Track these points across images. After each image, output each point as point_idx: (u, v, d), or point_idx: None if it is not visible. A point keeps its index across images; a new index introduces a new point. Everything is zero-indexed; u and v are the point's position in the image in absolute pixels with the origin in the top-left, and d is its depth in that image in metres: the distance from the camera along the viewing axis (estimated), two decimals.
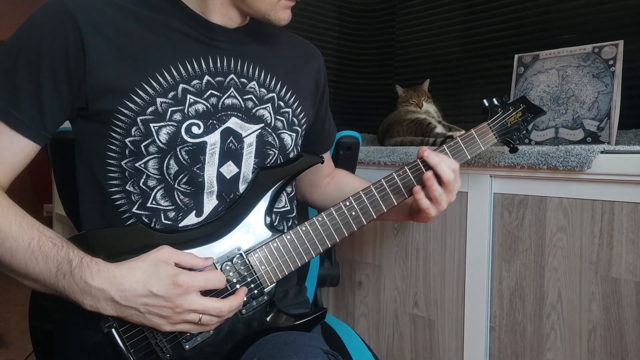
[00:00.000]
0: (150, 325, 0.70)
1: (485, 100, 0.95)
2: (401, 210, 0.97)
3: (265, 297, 0.80)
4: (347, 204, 0.84)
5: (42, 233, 0.70)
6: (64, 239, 0.71)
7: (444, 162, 0.85)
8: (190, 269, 0.72)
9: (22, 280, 0.71)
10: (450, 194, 0.87)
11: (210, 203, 0.81)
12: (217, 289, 0.74)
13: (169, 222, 0.79)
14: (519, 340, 1.17)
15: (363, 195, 0.85)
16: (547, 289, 1.12)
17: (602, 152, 1.02)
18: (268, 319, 0.80)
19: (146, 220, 0.79)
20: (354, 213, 0.84)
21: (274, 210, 0.89)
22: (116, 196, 0.79)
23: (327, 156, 1.09)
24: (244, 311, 0.78)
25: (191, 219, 0.80)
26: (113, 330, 0.72)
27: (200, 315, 0.71)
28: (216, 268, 0.77)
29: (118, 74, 0.75)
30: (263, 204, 0.82)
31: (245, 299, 0.77)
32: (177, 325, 0.71)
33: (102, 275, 0.67)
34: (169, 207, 0.79)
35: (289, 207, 0.92)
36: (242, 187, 0.84)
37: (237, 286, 0.77)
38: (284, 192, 0.91)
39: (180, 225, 0.80)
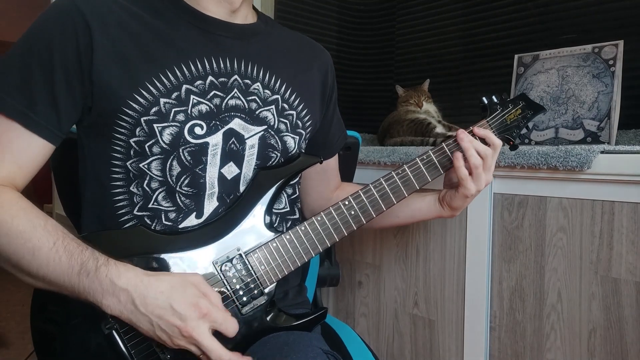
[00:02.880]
0: (154, 338, 0.70)
1: (484, 98, 0.94)
2: (427, 209, 0.98)
3: (265, 297, 0.80)
4: (346, 203, 0.84)
5: (66, 234, 0.70)
6: (87, 244, 0.71)
7: (477, 141, 0.87)
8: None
9: (35, 282, 0.71)
10: (489, 172, 0.88)
11: (210, 205, 0.81)
12: (227, 335, 0.72)
13: (170, 223, 0.79)
14: (519, 340, 1.17)
15: (362, 195, 0.85)
16: (547, 289, 1.12)
17: (602, 152, 1.02)
18: (268, 319, 0.80)
19: (147, 221, 0.79)
20: (352, 212, 0.84)
21: (275, 211, 0.89)
22: (119, 197, 0.79)
23: (333, 164, 1.07)
24: (244, 311, 0.78)
25: (191, 221, 0.80)
26: (114, 332, 0.72)
27: (202, 352, 0.70)
28: (216, 268, 0.77)
29: (123, 73, 0.75)
30: (262, 204, 0.82)
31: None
32: (179, 347, 0.70)
33: (129, 277, 0.68)
34: (170, 208, 0.79)
35: (289, 209, 0.92)
36: (242, 189, 0.84)
37: (237, 286, 0.77)
38: (284, 193, 0.91)
39: (180, 226, 0.79)
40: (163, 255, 0.76)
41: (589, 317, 1.06)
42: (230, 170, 0.82)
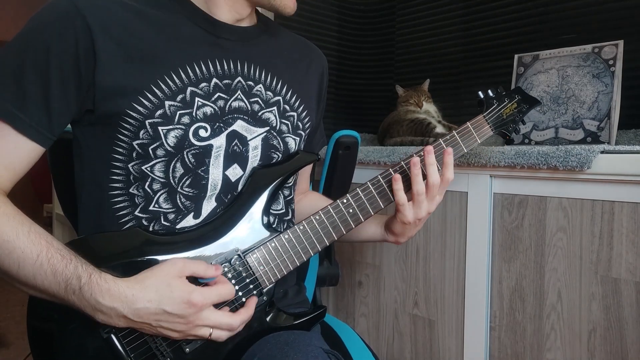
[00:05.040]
0: (161, 335, 0.71)
1: (480, 92, 0.95)
2: (373, 232, 0.95)
3: (265, 297, 0.79)
4: (345, 201, 0.84)
5: (50, 244, 0.68)
6: (71, 251, 0.69)
7: (434, 166, 0.84)
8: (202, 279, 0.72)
9: (28, 290, 0.70)
10: (432, 202, 0.85)
11: (208, 205, 0.81)
12: (228, 301, 0.74)
13: (167, 224, 0.79)
14: (519, 340, 1.17)
15: (360, 192, 0.84)
16: (547, 289, 1.12)
17: (602, 152, 1.02)
18: (268, 319, 0.80)
19: (145, 222, 0.78)
20: (351, 210, 0.84)
21: (273, 212, 0.89)
22: (117, 199, 0.78)
23: (307, 169, 1.07)
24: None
25: (189, 221, 0.80)
26: (112, 336, 0.71)
27: (211, 330, 0.71)
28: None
29: (127, 76, 0.74)
30: (260, 204, 0.82)
31: (245, 300, 0.77)
32: (187, 337, 0.72)
33: (112, 294, 0.67)
34: (169, 210, 0.79)
35: (284, 210, 0.92)
36: (241, 188, 0.83)
37: (236, 287, 0.77)
38: (281, 194, 0.91)
39: (177, 227, 0.79)
40: (160, 257, 0.75)
41: (589, 317, 1.06)
42: (235, 172, 0.82)
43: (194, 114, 0.78)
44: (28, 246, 0.67)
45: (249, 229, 0.80)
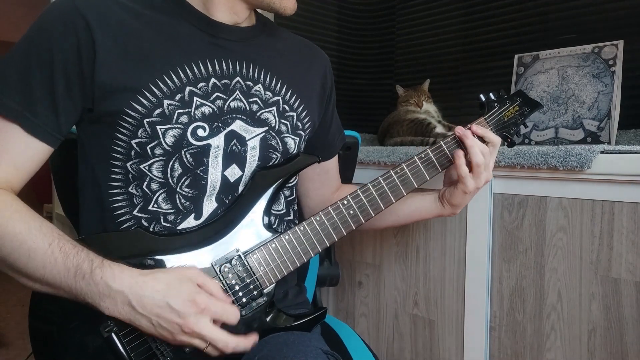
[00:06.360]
0: (156, 336, 0.70)
1: (482, 95, 0.94)
2: (427, 207, 0.98)
3: (265, 298, 0.79)
4: (345, 203, 0.84)
5: (61, 236, 0.70)
6: (82, 244, 0.71)
7: (476, 139, 0.88)
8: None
9: (34, 284, 0.71)
10: (487, 170, 0.89)
11: (209, 206, 0.81)
12: (229, 324, 0.72)
13: (168, 225, 0.79)
14: (519, 340, 1.17)
15: (361, 194, 0.85)
16: (547, 289, 1.12)
17: (602, 152, 1.02)
18: (268, 319, 0.80)
19: (145, 223, 0.79)
20: (351, 212, 0.84)
21: (273, 212, 0.89)
22: (116, 198, 0.79)
23: (333, 165, 1.07)
24: (243, 312, 0.78)
25: (190, 222, 0.80)
26: (113, 335, 0.72)
27: (207, 344, 0.70)
28: (215, 269, 0.77)
29: (125, 75, 0.75)
30: (261, 205, 0.82)
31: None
32: (177, 342, 0.70)
33: (124, 278, 0.68)
34: (169, 211, 0.79)
35: (285, 210, 0.92)
36: (241, 189, 0.84)
37: (237, 287, 0.77)
38: (282, 194, 0.91)
39: (178, 228, 0.79)
40: (161, 257, 0.76)
41: (589, 317, 1.06)
42: (234, 172, 0.82)
43: (192, 113, 0.78)
44: (40, 237, 0.69)
45: (249, 230, 0.80)
